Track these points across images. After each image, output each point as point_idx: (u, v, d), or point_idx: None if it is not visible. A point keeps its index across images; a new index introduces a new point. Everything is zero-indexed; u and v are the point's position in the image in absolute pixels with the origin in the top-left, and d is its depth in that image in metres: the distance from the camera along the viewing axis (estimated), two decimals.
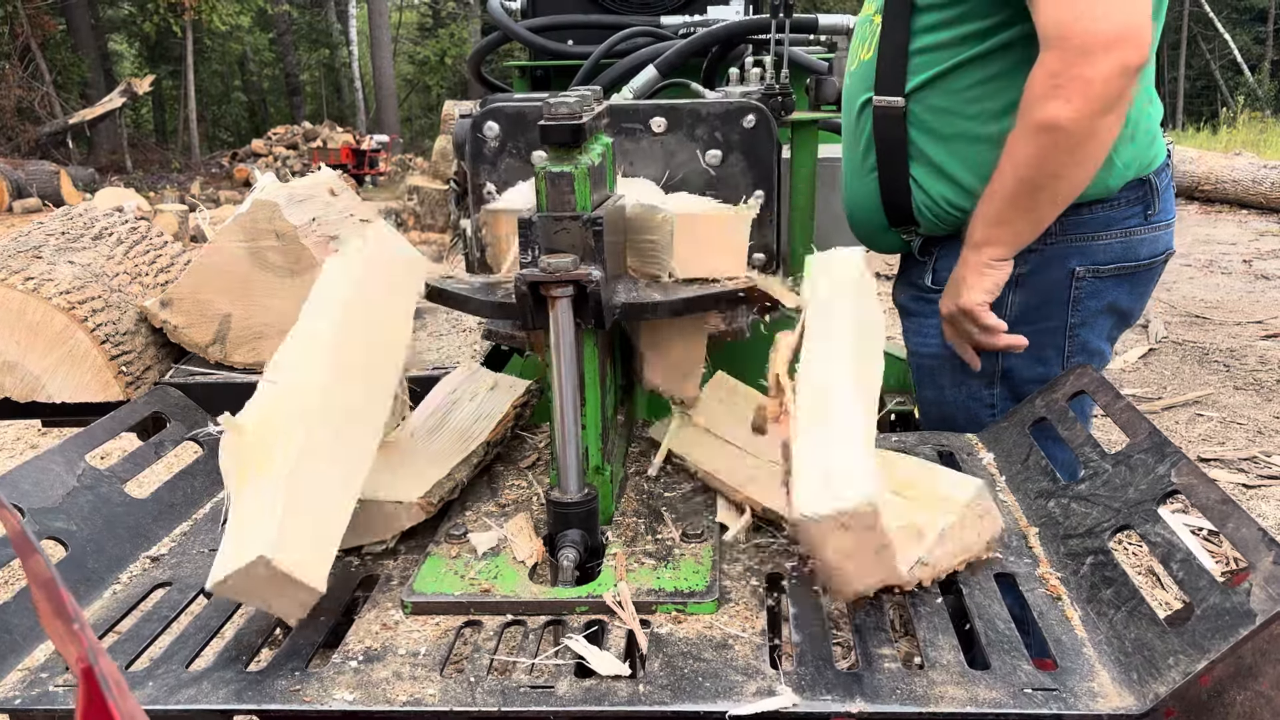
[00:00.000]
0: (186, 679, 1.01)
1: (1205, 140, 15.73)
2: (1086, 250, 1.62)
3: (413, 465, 1.33)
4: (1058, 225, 1.60)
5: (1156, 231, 1.65)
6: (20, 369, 1.75)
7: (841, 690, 0.94)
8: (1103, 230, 1.62)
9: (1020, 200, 1.49)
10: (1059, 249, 1.62)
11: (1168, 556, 1.04)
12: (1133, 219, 1.63)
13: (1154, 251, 1.66)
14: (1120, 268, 1.64)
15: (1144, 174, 1.61)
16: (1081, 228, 1.61)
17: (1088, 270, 1.63)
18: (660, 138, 1.56)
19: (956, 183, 1.63)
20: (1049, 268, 1.63)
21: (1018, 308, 1.65)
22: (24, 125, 21.78)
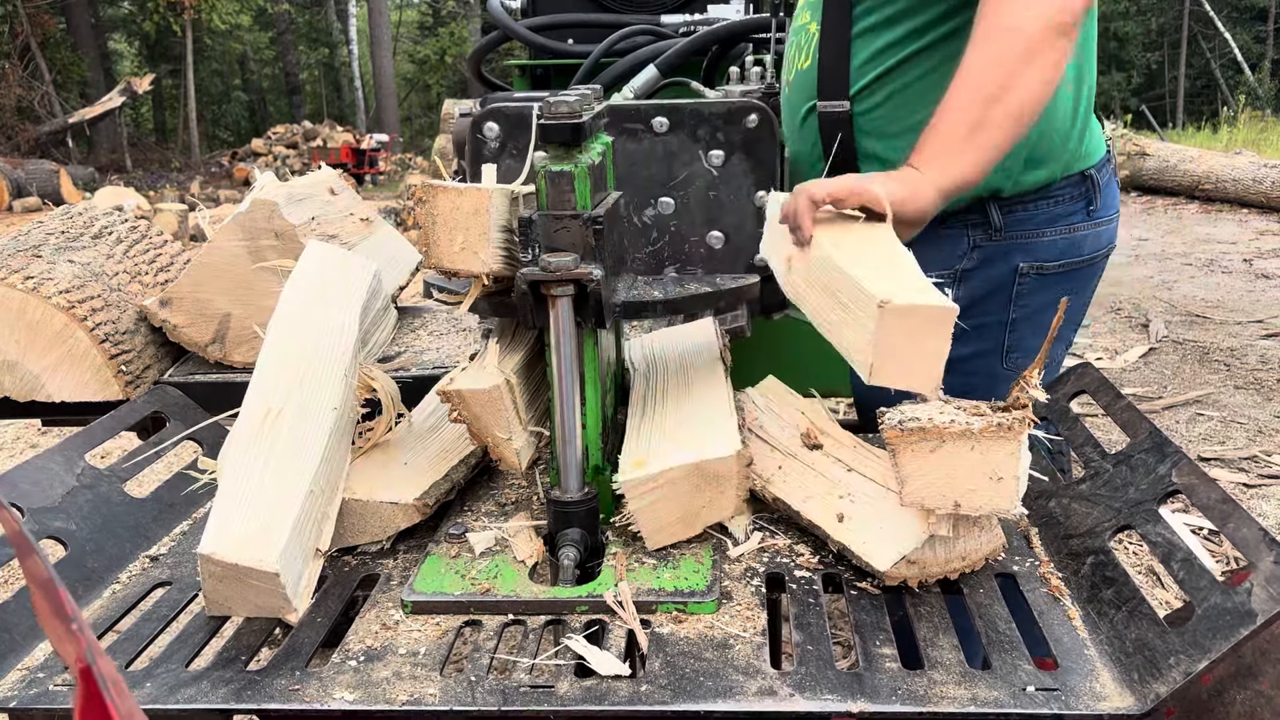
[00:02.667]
0: (186, 678, 1.01)
1: (1205, 139, 15.72)
2: (1031, 247, 1.64)
3: (410, 466, 1.33)
4: (1002, 221, 1.62)
5: (1099, 227, 1.67)
6: (20, 368, 1.75)
7: (842, 690, 0.94)
8: (1047, 226, 1.63)
9: (970, 116, 1.34)
10: (1004, 245, 1.63)
11: (1168, 556, 1.04)
12: (1076, 215, 1.64)
13: (1097, 247, 1.68)
14: (1065, 264, 1.66)
15: (1085, 169, 1.63)
16: (1025, 224, 1.63)
17: (1032, 267, 1.64)
18: (662, 138, 1.56)
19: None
20: (993, 264, 1.65)
21: (961, 302, 1.62)
22: (24, 124, 21.79)
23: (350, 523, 1.25)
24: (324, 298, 1.35)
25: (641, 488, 1.15)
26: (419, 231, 1.22)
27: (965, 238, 1.65)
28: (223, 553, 1.04)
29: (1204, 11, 26.72)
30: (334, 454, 1.22)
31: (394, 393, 1.37)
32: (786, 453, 1.34)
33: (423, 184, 1.20)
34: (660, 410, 1.31)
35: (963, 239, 1.65)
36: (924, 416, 1.04)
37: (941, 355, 1.04)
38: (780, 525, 1.27)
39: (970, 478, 1.03)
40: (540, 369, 1.36)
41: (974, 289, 1.66)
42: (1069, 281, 1.67)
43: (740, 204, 1.61)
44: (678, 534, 1.19)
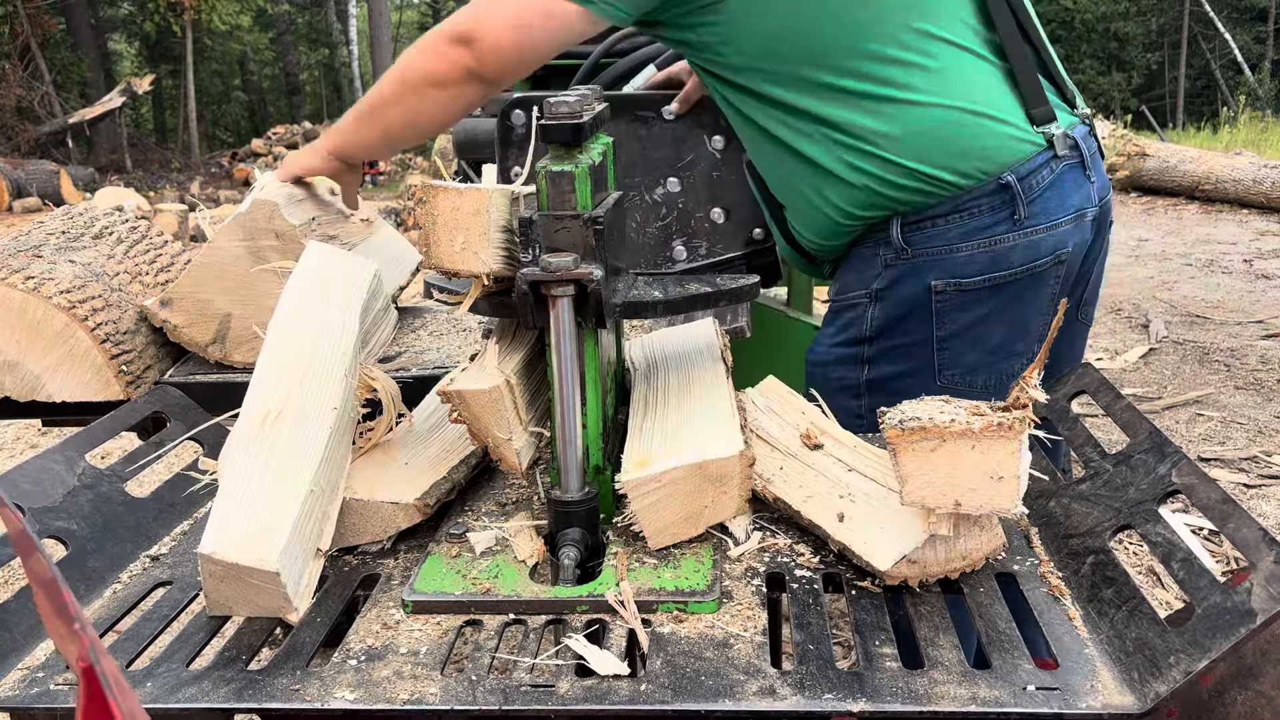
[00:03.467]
0: (187, 678, 1.01)
1: (1206, 140, 15.72)
2: (944, 263, 1.59)
3: (410, 466, 1.33)
4: (906, 241, 1.60)
5: (1033, 236, 1.59)
6: (20, 368, 1.75)
7: (843, 689, 0.94)
8: (962, 242, 1.58)
9: (367, 111, 1.66)
10: (914, 264, 1.61)
11: (1168, 556, 1.04)
12: (998, 226, 1.58)
13: (1033, 257, 1.60)
14: (989, 279, 1.59)
15: (1000, 176, 1.56)
16: (934, 240, 1.59)
17: (947, 284, 1.60)
18: (670, 124, 1.67)
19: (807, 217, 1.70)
20: (903, 283, 1.62)
21: (878, 322, 1.66)
22: (24, 125, 21.79)
23: (351, 522, 1.25)
24: (324, 298, 1.35)
25: (644, 487, 1.15)
26: (419, 231, 1.22)
27: (878, 257, 1.64)
28: (223, 552, 1.05)
29: (1204, 12, 26.72)
30: (334, 454, 1.22)
31: (394, 393, 1.37)
32: (787, 452, 1.34)
33: (423, 184, 1.20)
34: (662, 410, 1.31)
35: (875, 259, 1.64)
36: (924, 416, 1.04)
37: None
38: (781, 525, 1.27)
39: (971, 477, 1.03)
40: (540, 369, 1.36)
41: (890, 308, 1.65)
42: (1000, 295, 1.61)
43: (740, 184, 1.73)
44: (680, 534, 1.19)
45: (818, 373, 1.76)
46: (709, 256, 2.01)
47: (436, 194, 1.18)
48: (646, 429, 1.27)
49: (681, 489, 1.16)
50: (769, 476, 1.29)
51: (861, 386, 1.69)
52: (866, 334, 1.67)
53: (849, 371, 1.69)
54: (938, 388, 1.66)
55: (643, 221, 1.81)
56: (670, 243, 1.91)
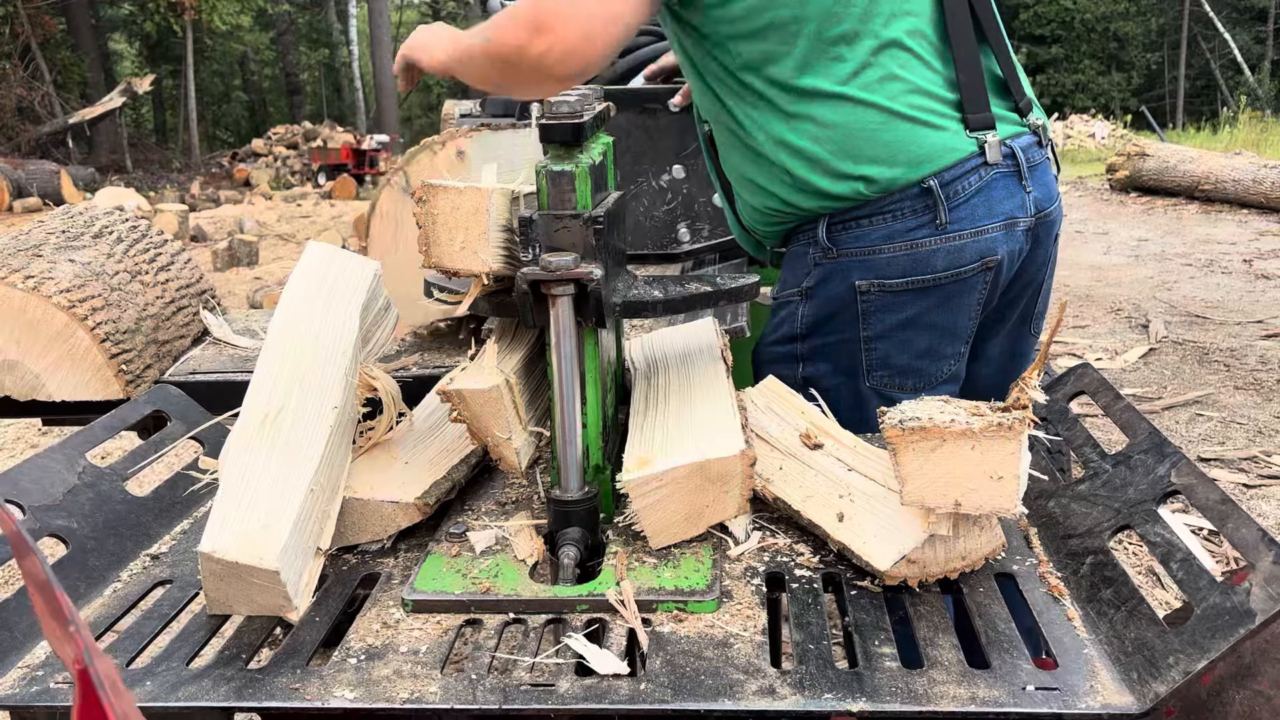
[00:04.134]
0: (187, 676, 1.01)
1: (1205, 140, 15.72)
2: (868, 264, 1.60)
3: (410, 465, 1.33)
4: (832, 240, 1.61)
5: (955, 241, 1.58)
6: (20, 367, 1.75)
7: (842, 689, 0.94)
8: (884, 243, 1.59)
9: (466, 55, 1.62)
10: (839, 263, 1.62)
11: (1167, 556, 1.04)
12: (920, 230, 1.57)
13: (957, 262, 1.59)
14: (911, 282, 1.59)
15: (922, 180, 1.55)
16: (858, 241, 1.60)
17: (871, 284, 1.60)
18: (676, 115, 1.77)
19: (746, 200, 1.72)
20: (830, 282, 1.63)
21: (808, 320, 1.68)
22: (24, 125, 21.80)
23: (351, 521, 1.25)
24: (324, 297, 1.35)
25: (645, 487, 1.15)
26: (419, 231, 1.22)
27: (808, 255, 1.65)
28: (223, 551, 1.05)
29: (1204, 12, 26.72)
30: (335, 453, 1.22)
31: (395, 392, 1.38)
32: (786, 452, 1.34)
33: (423, 184, 1.20)
34: (663, 410, 1.31)
35: (806, 256, 1.66)
36: (924, 416, 1.04)
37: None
38: (780, 525, 1.28)
39: (970, 477, 1.03)
40: (540, 368, 1.36)
41: (818, 306, 1.66)
42: (926, 298, 1.60)
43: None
44: (681, 533, 1.19)
45: (762, 370, 1.76)
46: (711, 238, 2.10)
47: (436, 193, 1.18)
48: (647, 428, 1.27)
49: (683, 488, 1.16)
50: (769, 476, 1.29)
51: (798, 382, 1.68)
52: (799, 331, 1.69)
53: (785, 369, 1.69)
54: (867, 388, 1.67)
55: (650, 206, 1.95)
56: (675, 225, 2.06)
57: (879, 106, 1.56)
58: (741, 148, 1.66)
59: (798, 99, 1.57)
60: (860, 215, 1.59)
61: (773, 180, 1.63)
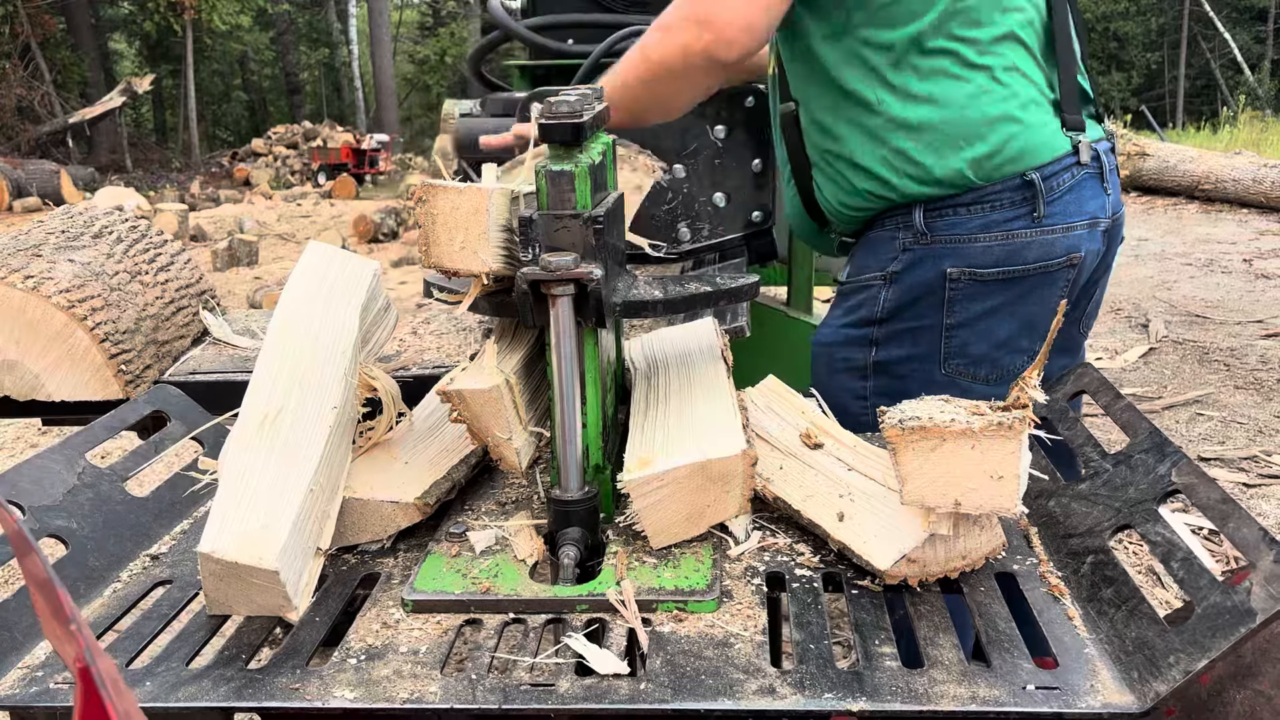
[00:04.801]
0: (187, 676, 1.01)
1: (1205, 139, 15.72)
2: (962, 252, 1.62)
3: (410, 465, 1.33)
4: (928, 226, 1.63)
5: (1049, 235, 1.62)
6: (20, 367, 1.75)
7: (842, 689, 0.94)
8: (981, 232, 1.62)
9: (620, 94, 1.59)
10: (931, 249, 1.63)
11: (1168, 556, 1.04)
12: (1017, 221, 1.61)
13: (1048, 255, 1.63)
14: (1003, 272, 1.62)
15: (1024, 173, 1.60)
16: (954, 228, 1.62)
17: (963, 272, 1.62)
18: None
19: (835, 182, 1.71)
20: (920, 267, 1.65)
21: (890, 304, 1.69)
22: (24, 124, 21.81)
23: (351, 521, 1.25)
24: (324, 297, 1.35)
25: (646, 487, 1.15)
26: (419, 231, 1.22)
27: (896, 239, 1.67)
28: (222, 551, 1.05)
29: (1204, 12, 26.72)
30: (334, 453, 1.22)
31: (395, 392, 1.37)
32: (787, 452, 1.34)
33: (422, 184, 1.20)
34: (663, 410, 1.31)
35: (894, 241, 1.67)
36: (924, 415, 1.04)
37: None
38: (780, 524, 1.27)
39: (971, 476, 1.03)
40: (540, 368, 1.36)
41: (903, 291, 1.67)
42: (1012, 290, 1.64)
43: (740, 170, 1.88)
44: (682, 533, 1.19)
45: (823, 354, 1.78)
46: (711, 237, 2.12)
47: (436, 193, 1.18)
48: (648, 428, 1.27)
49: (684, 488, 1.16)
50: (769, 476, 1.29)
51: (869, 368, 1.71)
52: (878, 315, 1.69)
53: (856, 352, 1.72)
54: (941, 376, 1.68)
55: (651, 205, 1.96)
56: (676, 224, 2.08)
57: (996, 95, 1.59)
58: (849, 126, 1.66)
59: (920, 79, 1.60)
60: (959, 203, 1.61)
61: (880, 161, 1.64)
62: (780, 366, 1.64)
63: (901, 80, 1.60)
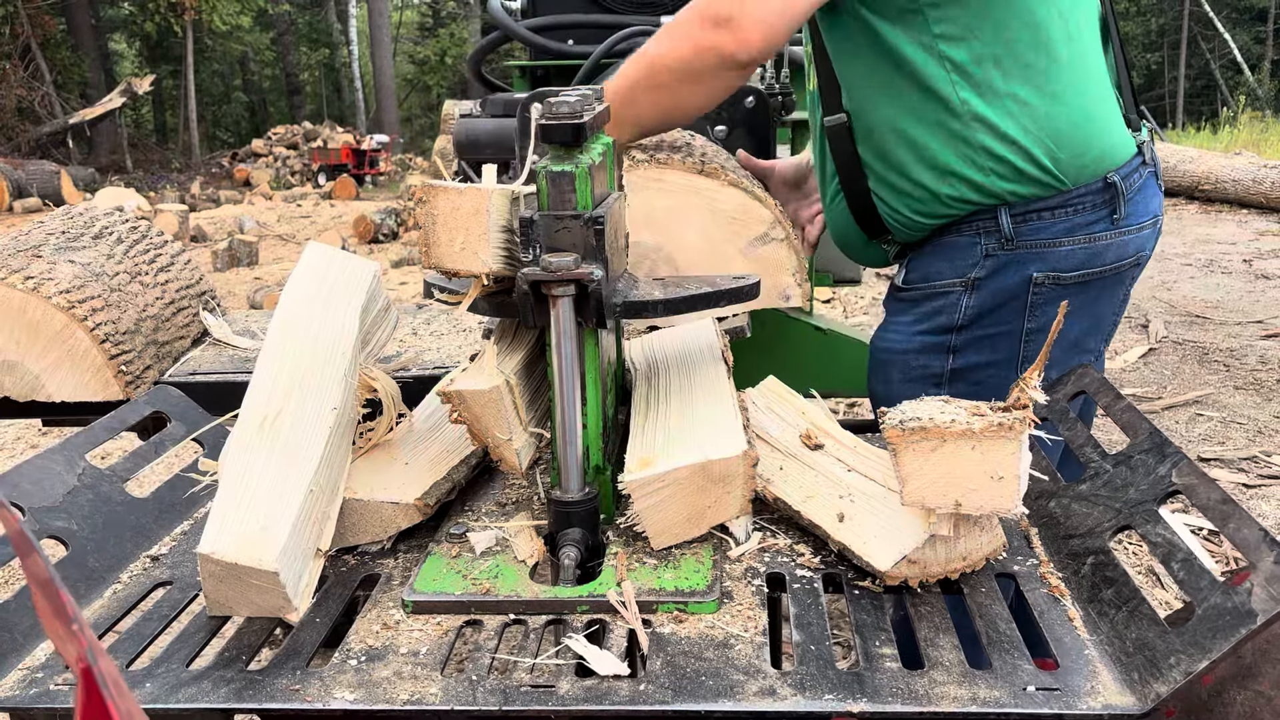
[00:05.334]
0: (187, 678, 1.01)
1: (1205, 140, 15.72)
2: (1046, 256, 1.61)
3: (410, 466, 1.33)
4: (1014, 231, 1.61)
5: (1125, 236, 1.63)
6: (20, 368, 1.75)
7: (843, 690, 0.94)
8: (1065, 236, 1.60)
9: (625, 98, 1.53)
10: (1017, 254, 1.62)
11: (1168, 556, 1.04)
12: (1098, 224, 1.61)
13: (1121, 256, 1.64)
14: (1084, 274, 1.62)
15: (1106, 175, 1.60)
16: (1041, 233, 1.61)
17: (1047, 276, 1.62)
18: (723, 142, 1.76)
19: (905, 192, 1.67)
20: (1005, 273, 1.63)
21: (972, 310, 1.66)
22: (24, 125, 21.81)
23: (351, 522, 1.25)
24: (324, 298, 1.35)
25: (648, 487, 1.15)
26: (419, 231, 1.22)
27: (978, 245, 1.64)
28: (222, 552, 1.05)
29: (1204, 12, 26.73)
30: (334, 454, 1.22)
31: (395, 393, 1.37)
32: (787, 453, 1.34)
33: (422, 184, 1.20)
34: (664, 410, 1.31)
35: (975, 247, 1.64)
36: (925, 416, 1.04)
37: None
38: (781, 525, 1.27)
39: (971, 477, 1.03)
40: (541, 369, 1.36)
41: (986, 298, 1.65)
42: (1089, 291, 1.64)
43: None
44: (683, 534, 1.19)
45: (896, 360, 1.75)
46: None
47: (436, 194, 1.18)
48: (649, 429, 1.27)
49: (685, 489, 1.16)
50: (769, 476, 1.29)
51: (945, 375, 1.70)
52: (958, 322, 1.67)
53: (933, 360, 1.70)
54: (1014, 378, 1.67)
55: None
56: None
57: (1077, 96, 1.58)
58: (928, 130, 1.61)
59: (1005, 78, 1.56)
60: (1044, 207, 1.60)
61: (967, 162, 1.60)
62: (780, 367, 1.64)
63: (986, 77, 1.57)
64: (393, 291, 7.98)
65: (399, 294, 8.10)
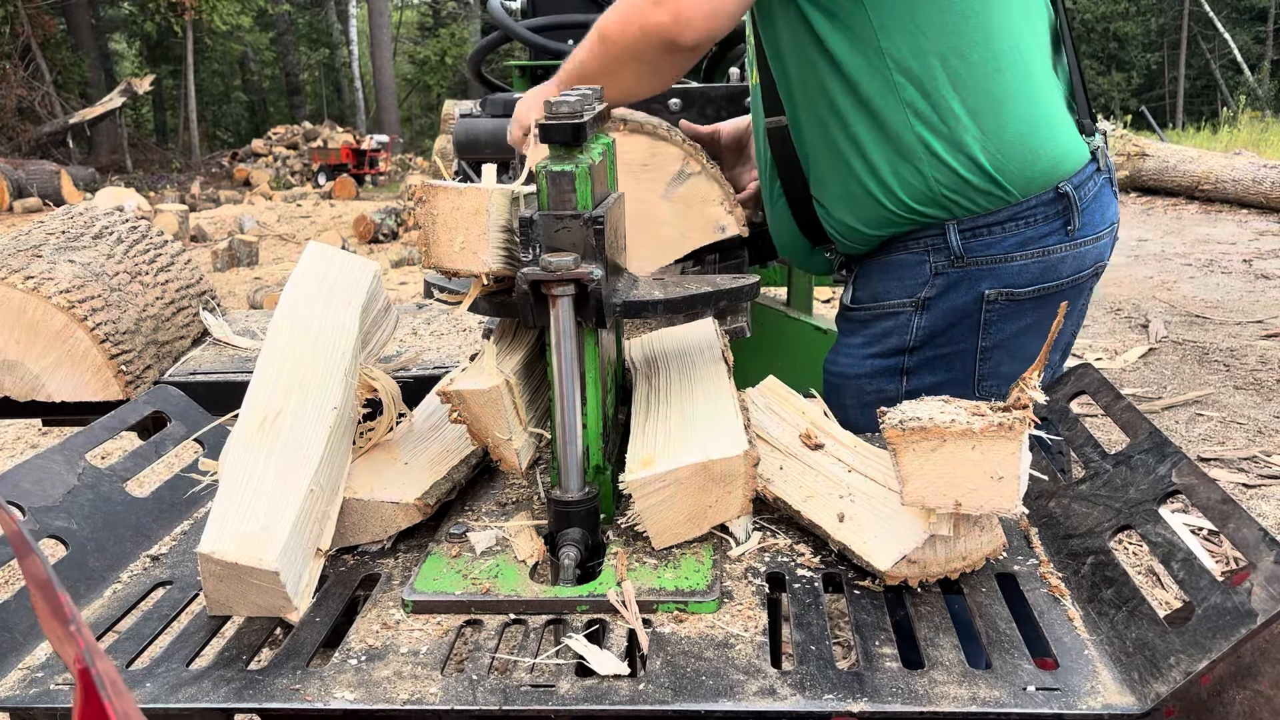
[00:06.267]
0: (187, 677, 1.01)
1: (1205, 140, 15.73)
2: (999, 272, 1.56)
3: (410, 466, 1.33)
4: (964, 248, 1.56)
5: (1081, 248, 1.58)
6: (20, 368, 1.75)
7: (843, 690, 0.94)
8: (1017, 251, 1.56)
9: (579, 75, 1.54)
10: (967, 271, 1.57)
11: (1168, 556, 1.04)
12: (1051, 236, 1.56)
13: (1079, 268, 1.59)
14: (1040, 289, 1.58)
15: (1058, 184, 1.54)
16: (991, 249, 1.56)
17: (999, 293, 1.57)
18: (676, 115, 1.74)
19: (848, 197, 1.62)
20: (955, 291, 1.58)
21: (923, 331, 1.62)
22: (24, 125, 21.81)
23: (351, 522, 1.25)
24: (324, 298, 1.35)
25: (649, 487, 1.15)
26: (420, 231, 1.22)
27: (926, 264, 1.59)
28: (222, 552, 1.05)
29: (1204, 12, 26.73)
30: (335, 453, 1.22)
31: (395, 392, 1.37)
32: (787, 452, 1.34)
33: (422, 184, 1.20)
34: (665, 410, 1.31)
35: (924, 265, 1.59)
36: (924, 416, 1.04)
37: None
38: (781, 525, 1.27)
39: (971, 477, 1.03)
40: (541, 369, 1.36)
41: (937, 317, 1.60)
42: (1046, 306, 1.59)
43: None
44: (684, 534, 1.19)
45: (849, 385, 1.70)
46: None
47: (436, 193, 1.18)
48: (650, 429, 1.27)
49: (686, 488, 1.16)
50: (769, 476, 1.29)
51: (900, 398, 1.66)
52: (909, 344, 1.63)
53: (887, 383, 1.65)
54: (975, 398, 1.64)
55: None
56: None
57: (1024, 103, 1.53)
58: (869, 130, 1.56)
59: (950, 82, 1.51)
60: (994, 221, 1.55)
61: (910, 170, 1.54)
62: (780, 367, 1.64)
63: (930, 81, 1.51)
64: (393, 291, 7.99)
65: (399, 294, 8.11)
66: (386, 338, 1.46)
